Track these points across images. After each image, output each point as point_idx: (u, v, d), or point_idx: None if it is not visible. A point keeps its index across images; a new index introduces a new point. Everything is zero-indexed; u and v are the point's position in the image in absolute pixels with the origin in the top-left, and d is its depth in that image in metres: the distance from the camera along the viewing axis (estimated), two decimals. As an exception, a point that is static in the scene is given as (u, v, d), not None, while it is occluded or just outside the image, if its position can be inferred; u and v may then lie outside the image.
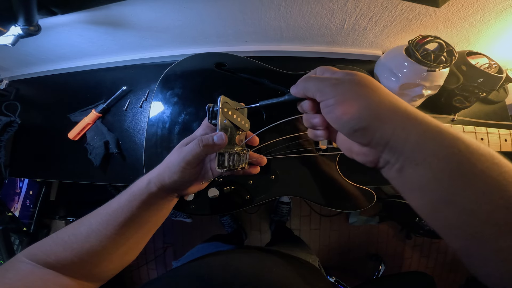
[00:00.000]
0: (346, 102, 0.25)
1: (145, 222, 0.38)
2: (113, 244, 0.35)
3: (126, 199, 0.36)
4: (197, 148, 0.34)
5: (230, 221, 1.55)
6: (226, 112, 0.37)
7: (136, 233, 0.37)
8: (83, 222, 0.36)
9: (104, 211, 0.36)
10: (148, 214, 0.37)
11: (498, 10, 0.51)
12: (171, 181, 0.36)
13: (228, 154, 0.37)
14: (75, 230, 0.36)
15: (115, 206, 0.36)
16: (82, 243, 0.34)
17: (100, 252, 0.35)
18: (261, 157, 0.43)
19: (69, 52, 0.69)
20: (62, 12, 0.50)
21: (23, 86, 0.78)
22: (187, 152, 0.35)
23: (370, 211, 1.62)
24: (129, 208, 0.35)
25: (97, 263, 0.35)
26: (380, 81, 0.61)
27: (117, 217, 0.35)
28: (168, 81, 0.56)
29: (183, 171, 0.35)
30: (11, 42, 0.47)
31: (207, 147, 0.34)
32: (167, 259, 1.67)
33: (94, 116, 0.67)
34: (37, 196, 0.95)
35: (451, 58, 0.52)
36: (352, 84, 0.26)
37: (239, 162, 0.39)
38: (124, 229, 0.35)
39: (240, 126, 0.40)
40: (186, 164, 0.35)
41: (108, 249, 0.35)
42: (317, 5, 0.52)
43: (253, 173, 0.43)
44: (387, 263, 1.59)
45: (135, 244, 0.39)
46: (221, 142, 0.34)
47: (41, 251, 0.35)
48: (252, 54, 0.67)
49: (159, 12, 0.55)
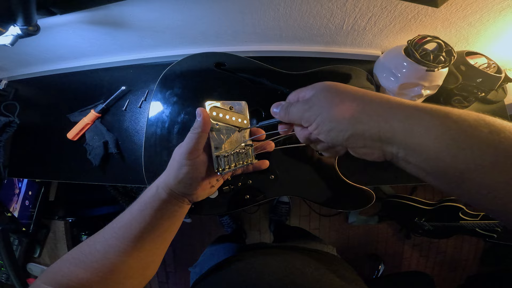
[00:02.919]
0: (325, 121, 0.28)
1: (159, 231, 0.36)
2: (132, 258, 0.34)
3: (137, 208, 0.36)
4: (191, 135, 0.35)
5: (229, 221, 1.55)
6: (216, 116, 0.38)
7: (153, 243, 0.36)
8: (98, 239, 0.35)
9: (117, 224, 0.35)
10: (161, 222, 0.36)
11: (496, 10, 0.51)
12: (178, 181, 0.36)
13: (224, 157, 0.37)
14: (91, 248, 0.34)
15: (128, 217, 0.35)
16: (101, 261, 0.33)
17: (121, 269, 0.34)
18: (268, 142, 0.43)
19: (68, 52, 0.69)
20: (61, 12, 0.50)
21: (22, 86, 0.78)
22: (186, 143, 0.35)
23: (370, 211, 1.62)
24: (142, 218, 0.35)
25: (120, 280, 0.34)
26: (380, 81, 0.61)
27: (132, 229, 0.34)
28: (167, 81, 0.56)
29: (187, 164, 0.35)
30: (10, 42, 0.47)
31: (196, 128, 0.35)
32: (167, 260, 1.67)
33: (93, 116, 0.67)
34: (36, 196, 0.95)
35: (450, 58, 0.53)
36: (322, 101, 0.28)
37: (240, 159, 0.39)
38: (140, 241, 0.34)
39: (238, 125, 0.40)
40: (189, 155, 0.35)
41: (128, 264, 0.34)
42: (316, 5, 0.52)
43: (262, 167, 0.43)
44: (387, 263, 1.59)
45: (154, 256, 0.38)
46: (200, 114, 0.35)
47: (61, 275, 0.33)
48: (251, 54, 0.67)
49: (158, 12, 0.55)
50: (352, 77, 0.57)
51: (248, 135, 0.42)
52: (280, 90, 0.56)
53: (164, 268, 1.66)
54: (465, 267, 1.67)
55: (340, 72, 0.58)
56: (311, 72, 0.57)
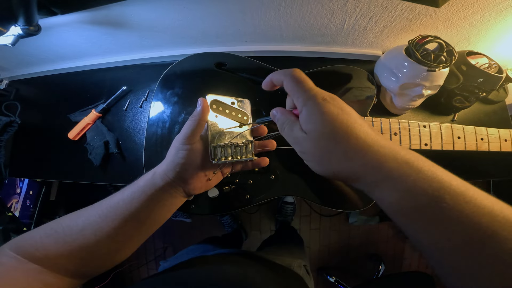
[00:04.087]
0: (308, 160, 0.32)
1: (145, 218, 0.36)
2: (108, 239, 0.34)
3: (130, 191, 0.36)
4: (189, 122, 0.36)
5: (230, 220, 1.55)
6: (216, 108, 0.39)
7: (134, 230, 0.36)
8: (82, 213, 0.35)
9: (106, 202, 0.35)
10: (150, 210, 0.36)
11: (498, 10, 0.51)
12: (174, 165, 0.36)
13: (220, 147, 0.38)
14: (71, 221, 0.34)
15: (117, 198, 0.35)
16: (75, 235, 0.33)
17: (92, 247, 0.33)
18: (270, 141, 0.44)
19: (69, 52, 0.69)
20: (62, 12, 0.50)
21: (23, 86, 0.78)
22: (184, 130, 0.37)
23: (370, 211, 1.62)
24: (131, 201, 0.35)
25: (87, 259, 0.34)
26: (380, 81, 0.61)
27: (117, 210, 0.34)
28: (167, 81, 0.56)
29: (185, 149, 0.36)
30: (11, 42, 0.47)
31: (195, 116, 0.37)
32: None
33: (94, 116, 0.67)
34: (37, 196, 0.95)
35: (451, 58, 0.52)
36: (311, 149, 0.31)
37: (238, 153, 0.40)
38: (122, 224, 0.34)
39: (239, 121, 0.41)
40: (187, 140, 0.36)
41: (101, 244, 0.34)
42: (317, 5, 0.52)
43: (262, 165, 0.43)
44: (387, 263, 1.59)
45: (130, 241, 0.37)
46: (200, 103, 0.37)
47: (29, 243, 0.33)
48: (252, 54, 0.67)
49: (159, 12, 0.55)
50: (352, 77, 0.57)
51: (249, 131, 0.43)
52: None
53: (164, 268, 1.67)
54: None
55: (341, 72, 0.58)
56: (311, 72, 0.57)
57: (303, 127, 0.30)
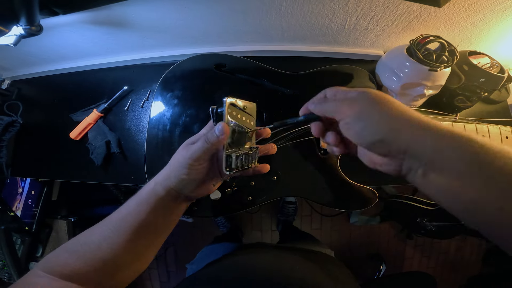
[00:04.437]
0: (362, 118, 0.28)
1: (154, 227, 0.37)
2: (124, 251, 0.35)
3: (134, 203, 0.36)
4: (204, 144, 0.34)
5: (224, 220, 1.55)
6: (231, 113, 0.37)
7: (146, 239, 0.37)
8: (95, 231, 0.36)
9: (114, 217, 0.36)
10: (156, 219, 0.37)
11: (500, 10, 0.51)
12: (178, 180, 0.35)
13: (236, 156, 0.36)
14: (86, 239, 0.36)
15: (124, 212, 0.36)
16: (94, 252, 0.34)
17: (112, 260, 0.35)
18: (271, 145, 0.43)
19: (70, 52, 0.69)
20: (63, 12, 0.50)
21: (25, 86, 0.78)
22: (194, 150, 0.35)
23: (371, 211, 1.62)
24: (138, 213, 0.35)
25: (111, 272, 0.35)
26: (382, 80, 0.61)
27: (126, 223, 0.35)
28: (167, 83, 0.56)
29: (190, 167, 0.35)
30: (13, 42, 0.47)
31: (213, 142, 0.34)
32: (168, 259, 1.67)
33: (95, 116, 0.67)
34: (39, 195, 0.95)
35: (452, 58, 0.52)
36: (366, 102, 0.28)
37: (247, 161, 0.38)
38: (134, 235, 0.35)
39: (246, 126, 0.39)
40: (194, 161, 0.35)
41: (120, 257, 0.35)
42: (318, 4, 0.52)
43: (263, 172, 0.42)
44: (388, 263, 1.58)
45: (146, 251, 0.39)
46: (223, 133, 0.34)
47: (56, 263, 0.35)
48: (253, 54, 0.67)
49: (160, 12, 0.55)
50: (354, 77, 0.57)
51: (254, 137, 0.41)
52: (280, 91, 0.56)
53: (165, 267, 1.67)
54: (467, 267, 1.66)
55: (342, 72, 0.58)
56: (312, 72, 0.57)
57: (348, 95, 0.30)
